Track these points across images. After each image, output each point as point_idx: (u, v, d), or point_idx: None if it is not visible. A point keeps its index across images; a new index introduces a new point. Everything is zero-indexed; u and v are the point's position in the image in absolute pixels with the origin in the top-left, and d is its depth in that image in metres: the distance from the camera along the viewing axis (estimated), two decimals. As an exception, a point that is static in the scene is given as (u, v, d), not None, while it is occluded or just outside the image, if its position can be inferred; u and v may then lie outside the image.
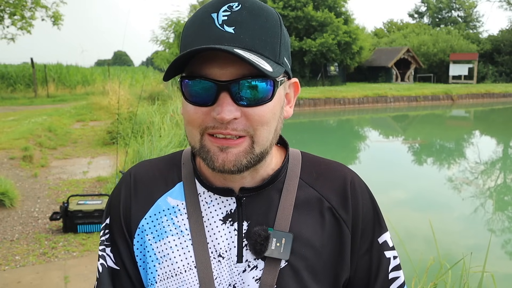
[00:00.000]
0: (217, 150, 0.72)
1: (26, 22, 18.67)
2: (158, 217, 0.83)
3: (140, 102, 8.25)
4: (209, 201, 0.82)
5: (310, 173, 0.85)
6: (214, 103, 0.70)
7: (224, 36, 0.68)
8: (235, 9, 0.70)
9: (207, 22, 0.70)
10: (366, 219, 0.84)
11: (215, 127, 0.71)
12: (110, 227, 0.86)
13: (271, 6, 26.05)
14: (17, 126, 10.80)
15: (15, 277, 3.64)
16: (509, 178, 9.78)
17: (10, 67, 24.07)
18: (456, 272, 2.37)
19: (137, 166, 0.90)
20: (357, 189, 0.85)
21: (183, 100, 0.74)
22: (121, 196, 0.86)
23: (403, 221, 6.09)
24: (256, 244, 0.77)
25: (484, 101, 25.64)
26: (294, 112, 0.84)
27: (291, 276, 0.78)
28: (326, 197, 0.83)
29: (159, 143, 6.32)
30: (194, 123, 0.73)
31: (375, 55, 34.13)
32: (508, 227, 6.40)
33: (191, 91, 0.72)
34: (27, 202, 5.55)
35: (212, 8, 0.71)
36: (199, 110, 0.72)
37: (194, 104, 0.72)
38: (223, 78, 0.69)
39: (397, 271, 0.86)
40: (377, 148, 13.00)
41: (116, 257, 0.85)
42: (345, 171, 0.87)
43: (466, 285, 2.13)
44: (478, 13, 55.75)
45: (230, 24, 0.69)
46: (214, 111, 0.70)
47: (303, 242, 0.80)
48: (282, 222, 0.80)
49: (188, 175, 0.85)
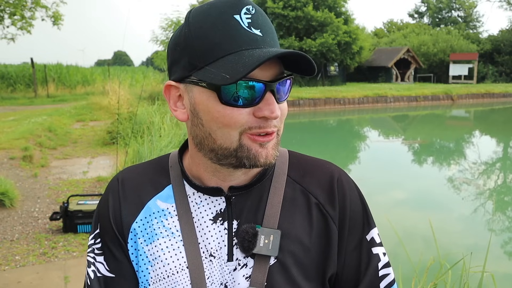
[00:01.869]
0: (258, 148, 0.74)
1: (26, 22, 18.66)
2: (149, 219, 0.83)
3: (140, 102, 8.24)
4: (198, 202, 0.82)
5: (297, 171, 0.86)
6: (259, 103, 0.72)
7: (256, 39, 0.71)
8: (252, 12, 0.72)
9: (233, 24, 0.70)
10: (354, 215, 0.84)
11: (261, 127, 0.73)
12: (101, 235, 0.85)
13: (271, 6, 26.19)
14: (17, 126, 10.79)
15: (15, 277, 3.64)
16: (509, 178, 9.78)
17: (10, 67, 24.08)
18: (456, 272, 2.37)
19: (124, 172, 0.90)
20: (345, 186, 0.85)
21: (213, 103, 0.72)
22: (109, 203, 0.85)
23: (403, 221, 6.09)
24: (244, 242, 0.78)
25: (484, 101, 25.64)
26: (294, 112, 0.86)
27: (281, 272, 0.79)
28: (313, 194, 0.83)
29: (159, 143, 6.32)
30: (236, 125, 0.72)
31: (375, 55, 34.13)
32: (508, 227, 6.40)
33: (236, 93, 0.71)
34: (27, 202, 5.55)
35: (231, 10, 0.71)
36: (243, 111, 0.72)
37: (239, 106, 0.71)
38: (266, 78, 0.72)
39: (386, 268, 0.86)
40: (377, 148, 13.01)
41: (111, 265, 0.84)
42: (332, 168, 0.87)
43: (466, 285, 2.13)
44: (478, 13, 55.79)
45: (256, 26, 0.72)
46: (264, 110, 0.72)
47: (292, 238, 0.80)
48: (271, 219, 0.80)
49: (176, 177, 0.85)
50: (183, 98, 0.77)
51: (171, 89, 0.78)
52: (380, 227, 0.92)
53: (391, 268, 0.86)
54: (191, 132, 0.79)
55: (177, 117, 0.79)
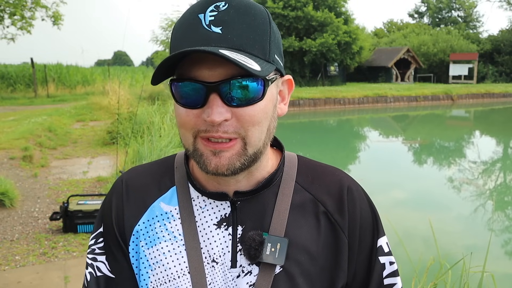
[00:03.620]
0: (210, 154, 0.71)
1: (26, 22, 18.67)
2: (151, 223, 0.82)
3: (140, 102, 8.24)
4: (203, 206, 0.80)
5: (306, 177, 0.83)
6: (204, 105, 0.69)
7: (211, 37, 0.67)
8: (222, 8, 0.69)
9: (194, 23, 0.69)
10: (364, 225, 0.82)
11: (207, 131, 0.69)
12: (104, 235, 0.85)
13: (271, 6, 26.16)
14: (17, 126, 10.79)
15: (15, 277, 3.63)
16: (509, 178, 9.78)
17: (10, 67, 24.07)
18: (456, 272, 2.38)
19: (129, 172, 0.89)
20: (355, 195, 0.82)
21: (174, 103, 0.73)
22: (112, 204, 0.84)
23: (403, 221, 6.09)
24: (251, 249, 0.76)
25: (484, 101, 25.64)
26: (294, 112, 0.85)
27: (286, 282, 0.77)
28: (321, 201, 0.81)
29: (159, 143, 6.32)
30: (186, 126, 0.72)
31: (375, 55, 34.13)
32: (508, 227, 6.40)
33: (181, 94, 0.70)
34: (27, 202, 5.55)
35: (199, 9, 0.70)
36: (190, 112, 0.70)
37: (185, 106, 0.71)
38: (212, 79, 0.68)
39: (393, 278, 0.83)
40: (377, 148, 13.00)
41: (112, 265, 0.83)
42: (341, 175, 0.85)
43: (466, 285, 2.13)
44: (478, 13, 55.77)
45: (217, 24, 0.68)
46: (204, 113, 0.69)
47: (299, 247, 0.78)
48: (277, 226, 0.78)
49: (181, 179, 0.83)
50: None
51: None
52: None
53: (398, 278, 0.84)
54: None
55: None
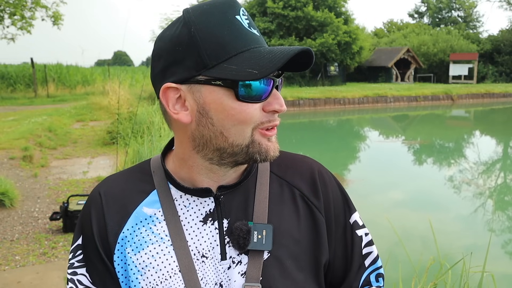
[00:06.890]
0: (267, 142, 0.77)
1: (26, 22, 18.68)
2: (136, 228, 0.81)
3: (140, 102, 8.24)
4: (187, 205, 0.82)
5: (279, 166, 0.89)
6: (267, 98, 0.75)
7: (257, 38, 0.74)
8: (246, 14, 0.76)
9: (237, 24, 0.73)
10: (336, 204, 0.89)
11: (270, 121, 0.76)
12: (84, 247, 0.83)
13: (271, 6, 26.18)
14: (17, 126, 10.80)
15: (15, 277, 3.64)
16: (509, 178, 9.78)
17: (10, 67, 24.07)
18: (456, 272, 2.38)
19: (105, 182, 0.87)
20: (325, 177, 0.90)
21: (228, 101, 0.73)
22: (92, 216, 0.83)
23: (403, 221, 6.09)
24: (240, 239, 0.79)
25: (484, 101, 25.64)
26: (294, 112, 0.89)
27: (275, 266, 0.80)
28: (297, 187, 0.87)
29: (159, 143, 6.32)
30: (251, 121, 0.74)
31: (375, 55, 34.13)
32: (508, 227, 6.40)
33: (257, 89, 0.73)
34: (27, 202, 5.55)
35: (232, 10, 0.73)
36: (256, 106, 0.74)
37: (254, 102, 0.73)
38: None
39: (369, 247, 0.91)
40: (377, 148, 13.00)
41: (94, 277, 0.82)
42: (310, 161, 0.92)
43: (466, 285, 2.13)
44: (478, 13, 55.73)
45: (253, 27, 0.75)
46: (274, 104, 0.75)
47: (282, 231, 0.82)
48: (260, 215, 0.82)
49: (161, 182, 0.84)
50: (183, 99, 0.75)
51: (168, 91, 0.75)
52: (380, 227, 0.93)
53: (374, 246, 0.92)
54: (193, 133, 0.76)
55: (180, 120, 0.75)
